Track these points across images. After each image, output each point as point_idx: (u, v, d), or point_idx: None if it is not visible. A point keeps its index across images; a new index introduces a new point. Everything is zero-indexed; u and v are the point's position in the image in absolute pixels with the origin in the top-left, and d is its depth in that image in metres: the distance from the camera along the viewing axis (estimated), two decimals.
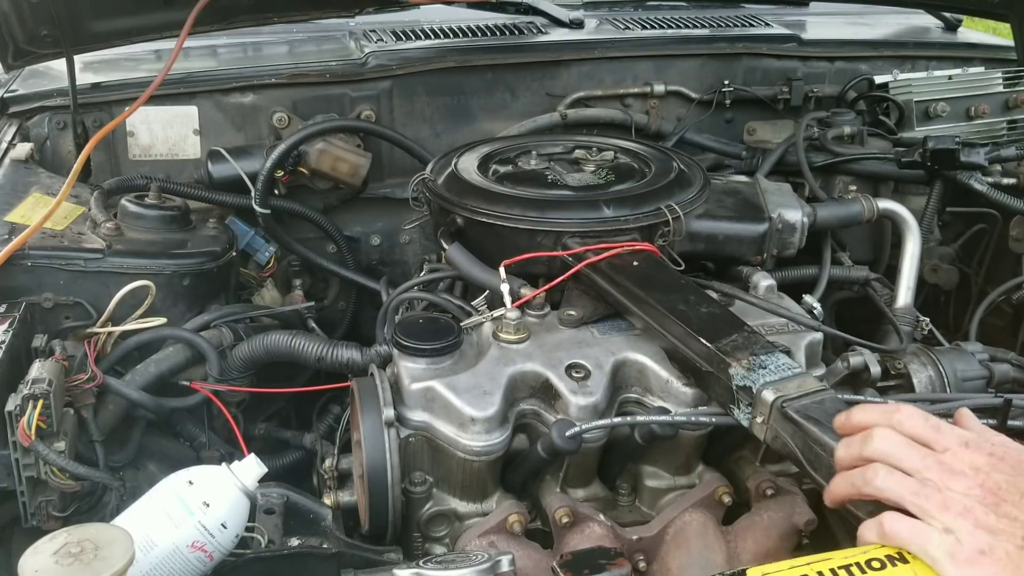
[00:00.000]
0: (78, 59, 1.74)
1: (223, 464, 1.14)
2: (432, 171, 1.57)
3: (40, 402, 1.16)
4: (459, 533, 1.25)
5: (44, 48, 1.69)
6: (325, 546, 1.19)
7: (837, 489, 0.85)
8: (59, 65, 1.75)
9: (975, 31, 2.51)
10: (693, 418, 1.16)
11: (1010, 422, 1.15)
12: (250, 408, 1.56)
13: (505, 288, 1.30)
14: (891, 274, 1.67)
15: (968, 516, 0.74)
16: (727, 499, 1.25)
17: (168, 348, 1.44)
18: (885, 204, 1.65)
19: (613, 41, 2.11)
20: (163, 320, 1.44)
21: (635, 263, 1.31)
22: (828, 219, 1.61)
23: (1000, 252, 1.94)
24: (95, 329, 1.40)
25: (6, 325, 1.30)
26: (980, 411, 1.18)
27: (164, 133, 1.84)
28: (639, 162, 1.59)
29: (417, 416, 1.21)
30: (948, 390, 1.36)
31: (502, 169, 1.58)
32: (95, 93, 1.82)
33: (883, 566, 0.78)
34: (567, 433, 1.15)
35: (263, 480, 1.17)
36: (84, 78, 1.82)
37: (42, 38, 1.65)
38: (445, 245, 1.47)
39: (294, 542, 1.19)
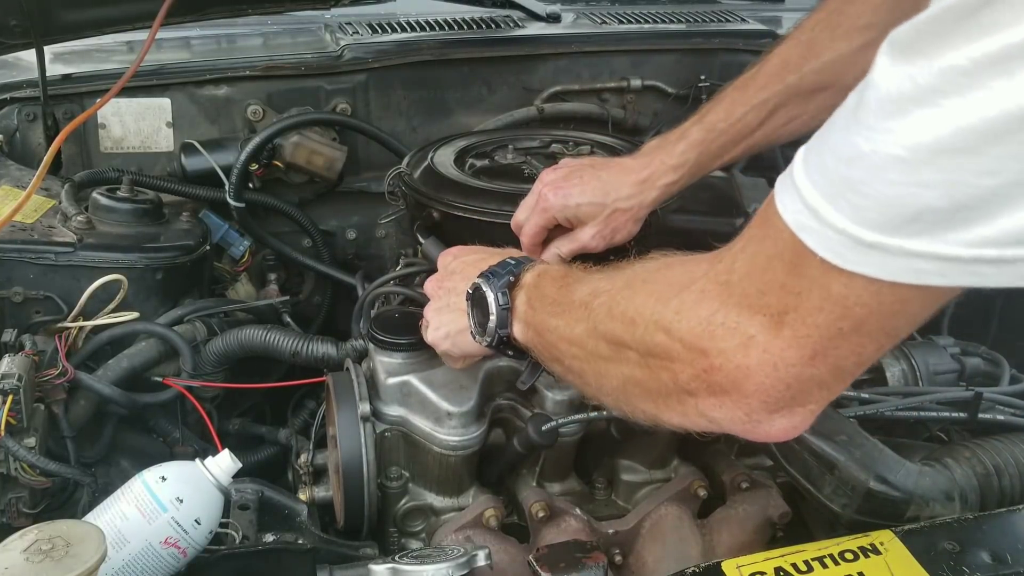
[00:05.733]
0: (48, 50, 1.71)
1: (197, 460, 1.13)
2: (408, 165, 1.56)
3: (10, 397, 1.15)
4: (435, 528, 1.25)
5: (13, 39, 1.66)
6: (300, 542, 1.18)
7: None
8: (29, 56, 1.73)
9: None
10: None
11: (980, 415, 1.17)
12: (224, 403, 1.55)
13: None
14: None
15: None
16: (702, 492, 1.26)
17: (141, 343, 1.43)
18: None
19: (590, 36, 2.10)
20: (135, 315, 1.42)
21: (611, 257, 1.31)
22: None
23: None
24: (66, 324, 1.39)
25: None
26: (951, 404, 1.21)
27: (136, 125, 1.82)
28: (616, 156, 1.59)
29: (393, 411, 1.21)
30: (920, 383, 1.38)
31: (479, 163, 1.57)
32: (66, 85, 1.79)
33: (856, 557, 0.79)
34: (543, 428, 1.15)
35: (237, 476, 1.16)
36: (54, 69, 1.79)
37: (11, 28, 1.63)
38: (421, 239, 1.46)
39: (269, 538, 1.19)
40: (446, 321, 1.11)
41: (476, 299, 1.03)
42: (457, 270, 1.14)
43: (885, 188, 0.59)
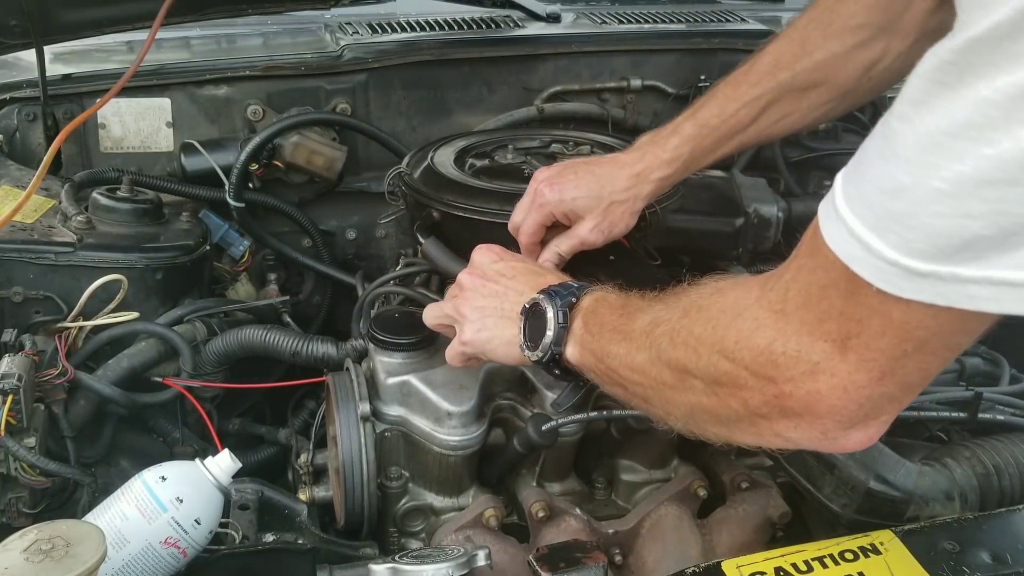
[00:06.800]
0: (48, 50, 1.71)
1: (197, 460, 1.13)
2: (408, 165, 1.56)
3: (10, 397, 1.15)
4: (435, 528, 1.25)
5: (13, 39, 1.66)
6: (300, 542, 1.18)
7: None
8: (28, 56, 1.73)
9: None
10: None
11: (980, 415, 1.17)
12: (224, 403, 1.55)
13: None
14: None
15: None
16: (702, 492, 1.26)
17: (141, 343, 1.43)
18: None
19: (590, 35, 2.11)
20: (135, 315, 1.42)
21: (611, 257, 1.32)
22: (803, 214, 1.62)
23: None
24: (66, 324, 1.39)
25: None
26: (951, 404, 1.20)
27: (136, 125, 1.82)
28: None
29: (393, 411, 1.21)
30: None
31: (479, 163, 1.57)
32: (66, 84, 1.79)
33: (856, 557, 0.79)
34: (543, 427, 1.15)
35: (237, 475, 1.16)
36: (54, 69, 1.79)
37: (11, 28, 1.63)
38: (421, 239, 1.46)
39: (269, 538, 1.19)
40: (491, 325, 1.09)
41: (534, 314, 1.03)
42: (507, 274, 1.11)
43: (932, 220, 0.60)
